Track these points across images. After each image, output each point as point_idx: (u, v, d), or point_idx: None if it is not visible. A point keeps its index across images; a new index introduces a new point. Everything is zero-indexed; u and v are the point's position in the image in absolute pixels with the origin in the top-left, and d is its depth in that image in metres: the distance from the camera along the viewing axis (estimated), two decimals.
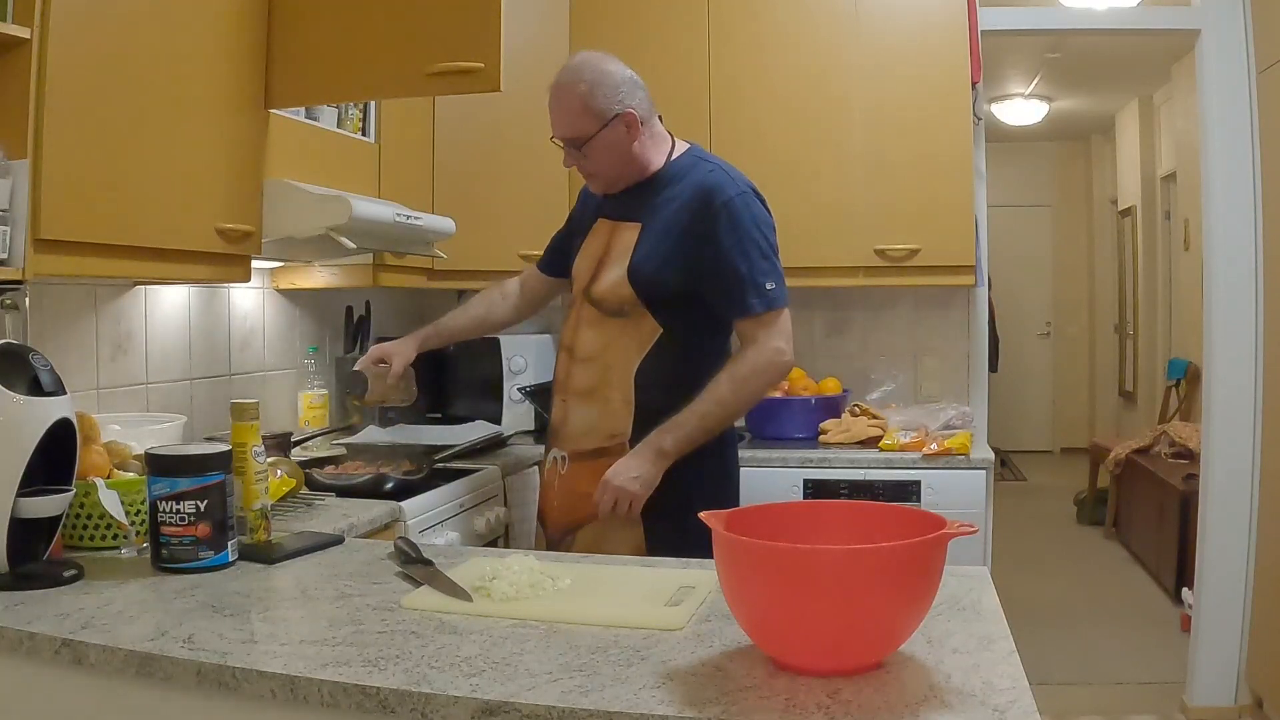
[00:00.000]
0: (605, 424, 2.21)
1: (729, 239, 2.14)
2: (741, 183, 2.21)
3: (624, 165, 2.24)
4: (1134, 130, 7.83)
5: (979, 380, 3.65)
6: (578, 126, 2.19)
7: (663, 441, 2.12)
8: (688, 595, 1.50)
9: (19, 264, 1.72)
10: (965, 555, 2.09)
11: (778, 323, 2.17)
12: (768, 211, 2.23)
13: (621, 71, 2.22)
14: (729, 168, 2.25)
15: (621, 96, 2.19)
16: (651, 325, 2.19)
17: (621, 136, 2.20)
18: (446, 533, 2.45)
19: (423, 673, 1.21)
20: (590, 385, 2.23)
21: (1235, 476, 3.37)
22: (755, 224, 2.17)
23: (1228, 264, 3.37)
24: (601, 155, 2.22)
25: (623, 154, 2.22)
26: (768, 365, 2.17)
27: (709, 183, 2.19)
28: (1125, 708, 3.59)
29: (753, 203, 2.20)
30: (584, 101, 2.17)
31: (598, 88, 2.17)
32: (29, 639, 1.37)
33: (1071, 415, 9.21)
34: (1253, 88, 3.31)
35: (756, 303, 2.14)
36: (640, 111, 2.21)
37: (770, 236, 2.20)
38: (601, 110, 2.17)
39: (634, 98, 2.21)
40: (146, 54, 1.95)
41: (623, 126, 2.19)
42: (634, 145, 2.22)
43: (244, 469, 1.77)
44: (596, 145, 2.19)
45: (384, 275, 2.89)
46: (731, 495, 2.30)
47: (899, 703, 1.12)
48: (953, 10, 3.26)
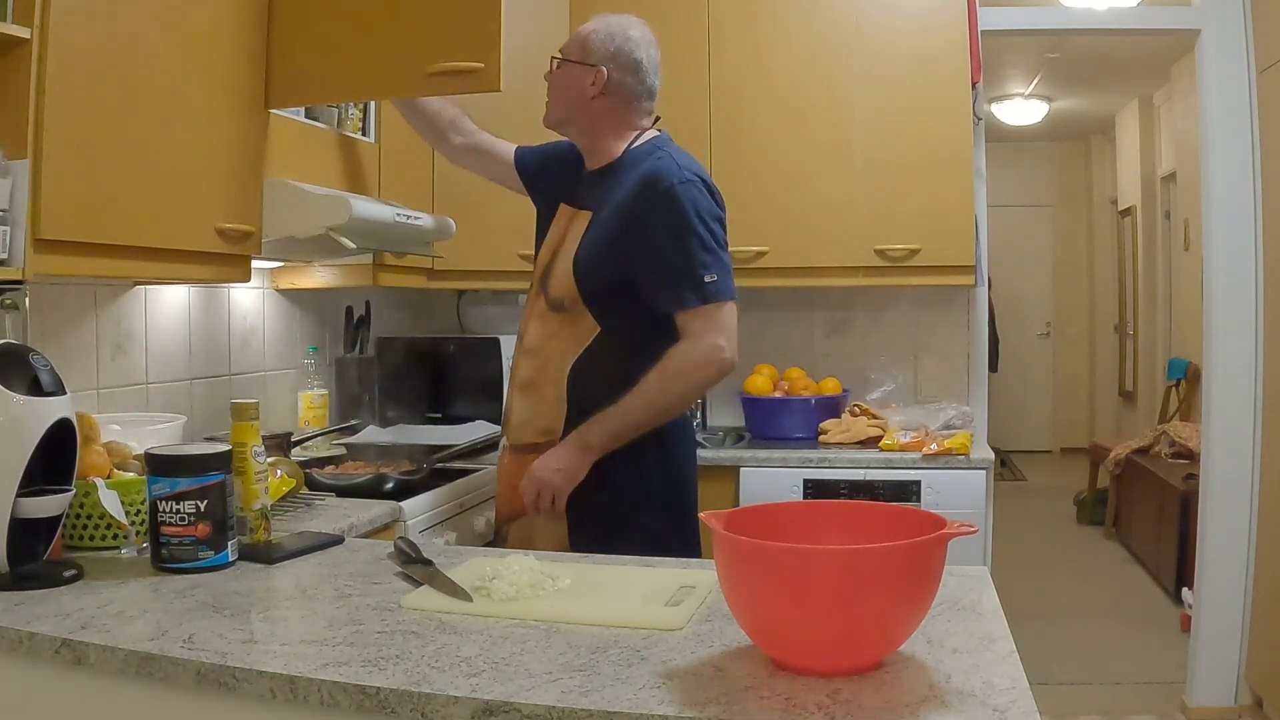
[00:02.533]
0: (539, 419, 2.19)
1: (666, 228, 2.08)
2: (687, 171, 2.13)
3: (573, 112, 2.23)
4: (1134, 130, 7.83)
5: (979, 380, 3.65)
6: (569, 47, 2.26)
7: (588, 435, 2.09)
8: (688, 595, 1.50)
9: (19, 264, 1.72)
10: (965, 555, 2.09)
11: (717, 317, 2.07)
12: (716, 202, 2.15)
13: (633, 46, 2.21)
14: (681, 155, 2.19)
15: (611, 56, 2.20)
16: (590, 323, 2.14)
17: (583, 84, 2.20)
18: (446, 533, 2.44)
19: (423, 673, 1.21)
20: (530, 378, 2.21)
21: (1235, 476, 3.37)
22: (697, 213, 2.08)
23: (1228, 264, 3.37)
24: (560, 86, 2.25)
25: (575, 99, 2.22)
26: (703, 361, 2.08)
27: (652, 170, 2.13)
28: (1125, 708, 3.59)
29: (696, 191, 2.11)
30: (588, 34, 2.24)
31: (604, 35, 2.22)
32: (29, 639, 1.37)
33: (1071, 415, 9.21)
34: (1253, 88, 3.31)
35: (693, 296, 2.06)
36: (616, 84, 2.20)
37: (715, 227, 2.11)
38: (588, 50, 2.21)
39: (619, 71, 2.20)
40: (146, 54, 1.95)
41: (589, 76, 2.19)
42: (591, 102, 2.20)
43: (244, 469, 1.77)
44: (564, 73, 2.23)
45: (384, 275, 2.89)
46: (678, 497, 2.20)
47: (899, 703, 1.12)
48: (953, 10, 3.26)
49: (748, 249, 3.36)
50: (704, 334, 2.07)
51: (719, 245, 2.11)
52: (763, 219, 3.37)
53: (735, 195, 3.34)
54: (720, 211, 2.16)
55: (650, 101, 2.26)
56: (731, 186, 3.35)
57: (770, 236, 3.36)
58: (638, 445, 2.13)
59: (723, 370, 2.11)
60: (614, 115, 2.22)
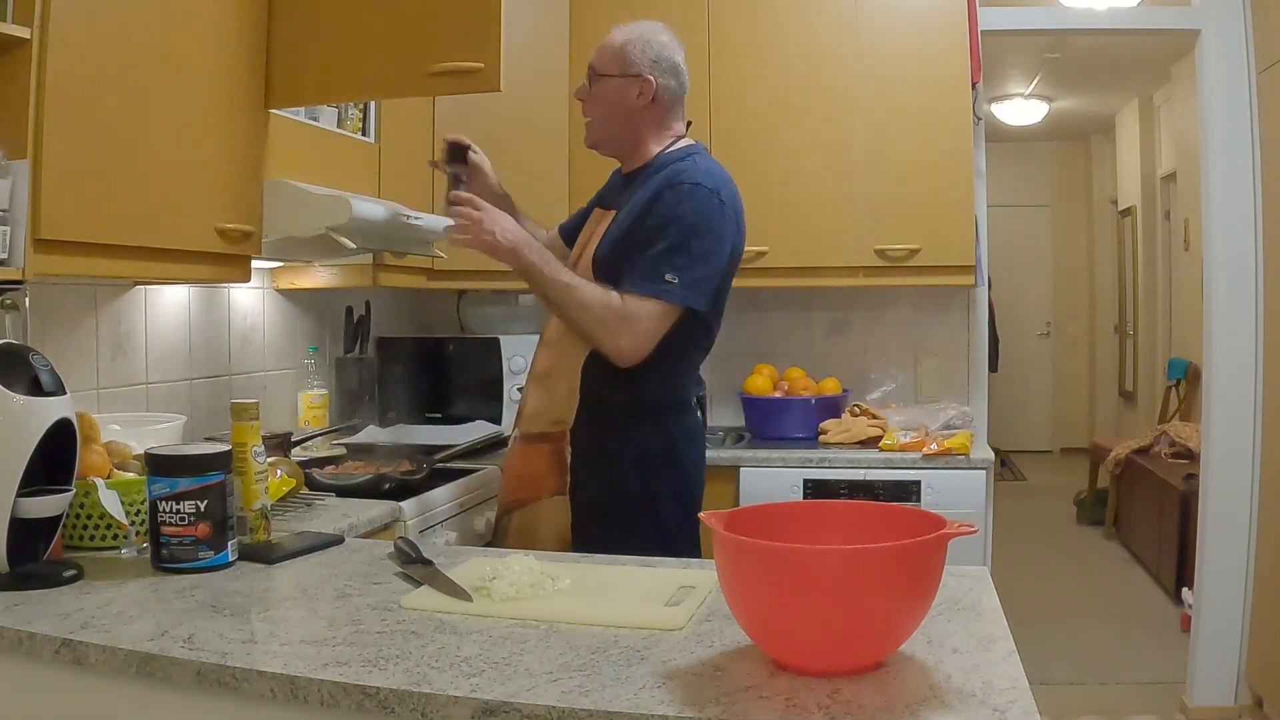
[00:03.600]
0: (552, 410, 2.22)
1: (657, 217, 2.09)
2: (705, 177, 2.12)
3: (618, 126, 2.24)
4: (1134, 130, 7.83)
5: (979, 380, 3.65)
6: (603, 62, 2.24)
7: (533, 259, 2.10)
8: (688, 595, 1.50)
9: (19, 264, 1.72)
10: (965, 555, 2.09)
11: (648, 312, 2.06)
12: (727, 216, 2.13)
13: (670, 50, 2.23)
14: (709, 166, 2.19)
15: (654, 64, 2.21)
16: None
17: (629, 96, 2.21)
18: (446, 533, 2.45)
19: (423, 673, 1.21)
20: (547, 369, 2.25)
21: (1235, 476, 3.37)
22: (693, 216, 2.08)
23: (1228, 264, 3.37)
24: (603, 102, 2.24)
25: (621, 113, 2.22)
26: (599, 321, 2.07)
27: (675, 170, 2.14)
28: (1125, 708, 3.59)
29: (705, 198, 2.10)
30: (622, 45, 2.22)
31: (640, 43, 2.21)
32: (29, 639, 1.37)
33: (1071, 415, 9.21)
34: (1253, 88, 3.31)
35: (646, 285, 2.06)
36: (659, 91, 2.21)
37: (706, 236, 2.09)
38: (628, 61, 2.21)
39: (664, 76, 2.22)
40: (146, 54, 1.95)
41: (635, 88, 2.20)
42: (636, 114, 2.21)
43: (244, 469, 1.77)
44: (605, 89, 2.23)
45: (384, 275, 2.89)
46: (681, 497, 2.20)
47: (899, 703, 1.12)
48: (953, 10, 3.26)
49: (747, 249, 3.34)
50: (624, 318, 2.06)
51: (700, 252, 2.09)
52: (763, 219, 3.35)
53: None
54: (715, 222, 2.12)
55: (683, 105, 2.29)
56: None
57: (770, 236, 3.36)
58: (646, 442, 2.16)
59: (613, 353, 2.09)
60: (658, 121, 2.24)
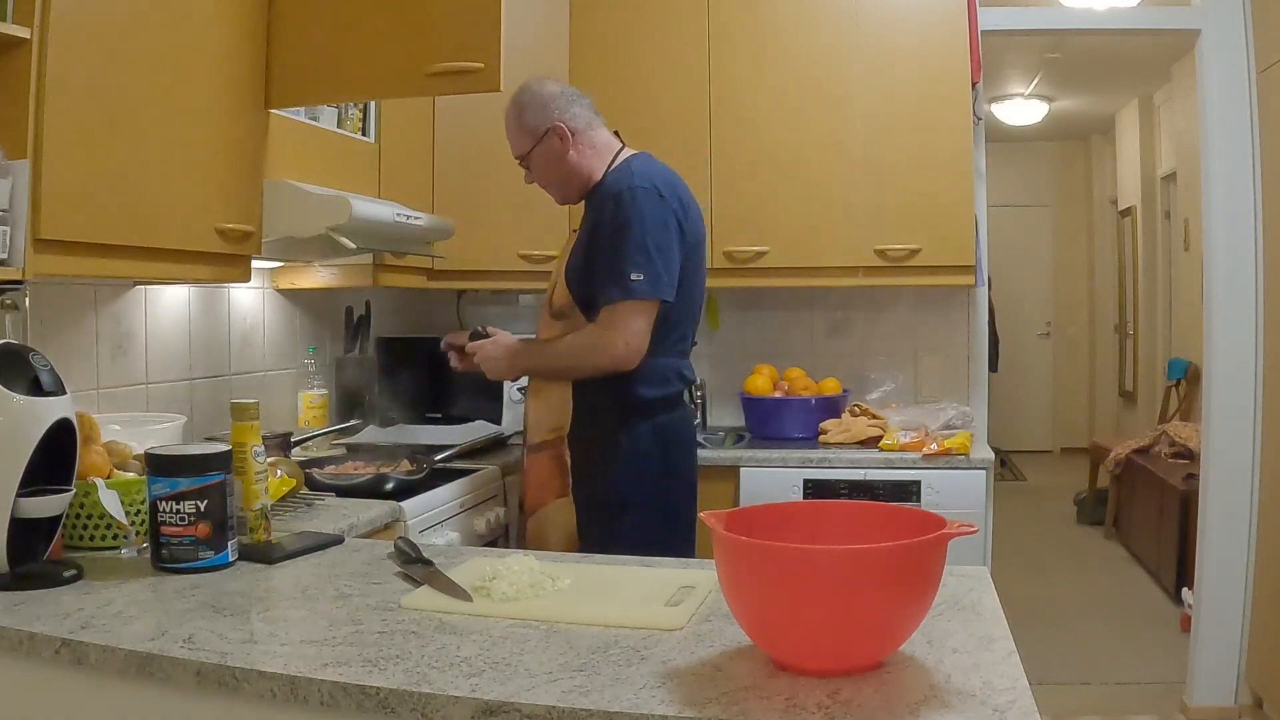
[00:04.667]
0: (549, 418, 2.37)
1: (609, 229, 2.24)
2: (641, 177, 2.27)
3: (566, 176, 2.38)
4: (1134, 130, 7.83)
5: (979, 380, 3.65)
6: (518, 144, 2.38)
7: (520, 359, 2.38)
8: (688, 595, 1.50)
9: (19, 264, 1.72)
10: (965, 555, 2.09)
11: (627, 313, 2.21)
12: (667, 207, 2.26)
13: (553, 89, 2.37)
14: (641, 166, 2.32)
15: (552, 112, 2.34)
16: (584, 324, 2.30)
17: (556, 148, 2.34)
18: (446, 533, 2.45)
19: (423, 673, 1.21)
20: (541, 381, 2.41)
21: (1235, 476, 3.37)
22: (640, 217, 2.21)
23: (1228, 264, 3.37)
24: (542, 168, 2.38)
25: (561, 165, 2.36)
26: (592, 348, 2.24)
27: (613, 180, 2.30)
28: (1125, 708, 3.59)
29: (645, 197, 2.24)
30: (519, 121, 2.36)
31: (528, 107, 2.35)
32: (29, 639, 1.37)
33: (1071, 415, 9.21)
34: (1253, 88, 3.31)
35: (616, 290, 2.21)
36: (573, 123, 2.34)
37: (657, 231, 2.23)
38: (534, 126, 2.34)
39: (566, 112, 2.35)
40: (146, 54, 1.95)
41: (555, 139, 2.33)
42: (569, 155, 2.35)
43: (244, 469, 1.77)
44: (535, 159, 2.37)
45: (384, 275, 2.89)
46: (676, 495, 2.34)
47: (899, 703, 1.12)
48: (953, 10, 3.26)
49: (748, 249, 3.36)
50: (608, 327, 2.22)
51: (656, 249, 2.22)
52: (763, 219, 3.37)
53: (735, 195, 3.38)
54: (665, 215, 2.26)
55: (596, 116, 2.41)
56: (732, 186, 3.39)
57: (770, 236, 3.36)
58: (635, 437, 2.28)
59: (615, 362, 2.23)
60: (588, 146, 2.37)
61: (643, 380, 2.28)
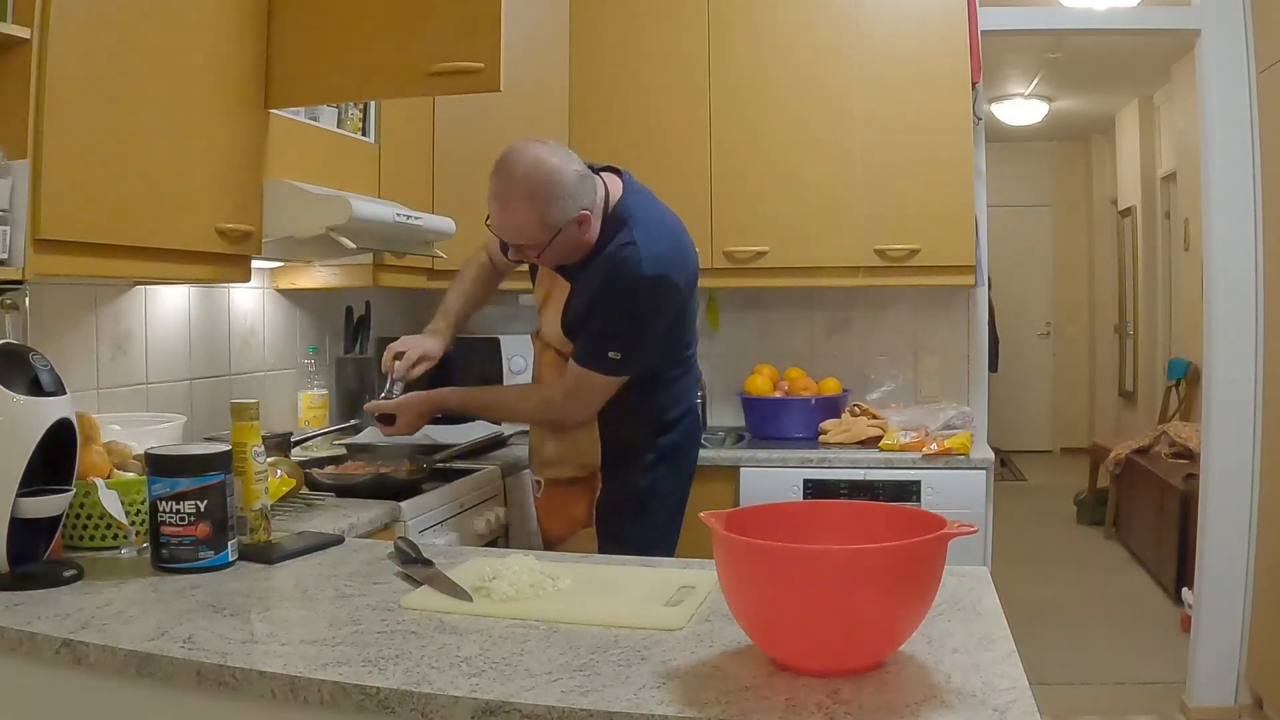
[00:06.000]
0: (576, 457, 2.36)
1: (602, 306, 2.15)
2: (649, 264, 2.10)
3: (577, 251, 2.19)
4: (1134, 130, 7.83)
5: (979, 380, 3.65)
6: (529, 237, 2.11)
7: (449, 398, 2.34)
8: (688, 595, 1.50)
9: (19, 264, 1.72)
10: (965, 555, 2.09)
11: (600, 387, 2.20)
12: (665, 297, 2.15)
13: (573, 172, 2.09)
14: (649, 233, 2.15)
15: (579, 200, 2.09)
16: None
17: (575, 233, 2.13)
18: (446, 533, 2.44)
19: (423, 673, 1.21)
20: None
21: (1235, 476, 3.37)
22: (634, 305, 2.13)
23: (1228, 264, 3.37)
24: (555, 253, 2.17)
25: (577, 245, 2.17)
26: (542, 405, 2.30)
27: (618, 262, 2.12)
28: (1125, 708, 3.59)
29: (645, 290, 2.11)
30: (540, 218, 2.07)
31: (555, 202, 2.06)
32: (29, 639, 1.37)
33: (1071, 415, 9.21)
34: (1253, 88, 3.31)
35: (595, 361, 2.17)
36: (591, 204, 2.12)
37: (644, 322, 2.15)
38: (558, 222, 2.09)
39: (586, 193, 2.11)
40: (147, 54, 1.95)
41: (576, 225, 2.12)
42: (586, 235, 2.16)
43: (244, 469, 1.77)
44: (554, 248, 2.14)
45: (384, 275, 2.89)
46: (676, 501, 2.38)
47: (899, 703, 1.12)
48: (953, 10, 3.26)
49: (748, 249, 3.36)
50: (572, 395, 2.23)
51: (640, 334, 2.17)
52: (763, 219, 3.37)
53: (735, 195, 3.39)
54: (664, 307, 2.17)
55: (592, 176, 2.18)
56: (732, 186, 3.39)
57: (770, 236, 3.36)
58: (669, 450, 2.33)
59: (555, 421, 2.33)
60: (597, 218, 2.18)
61: (668, 405, 2.33)
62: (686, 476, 2.41)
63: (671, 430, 2.36)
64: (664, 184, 2.39)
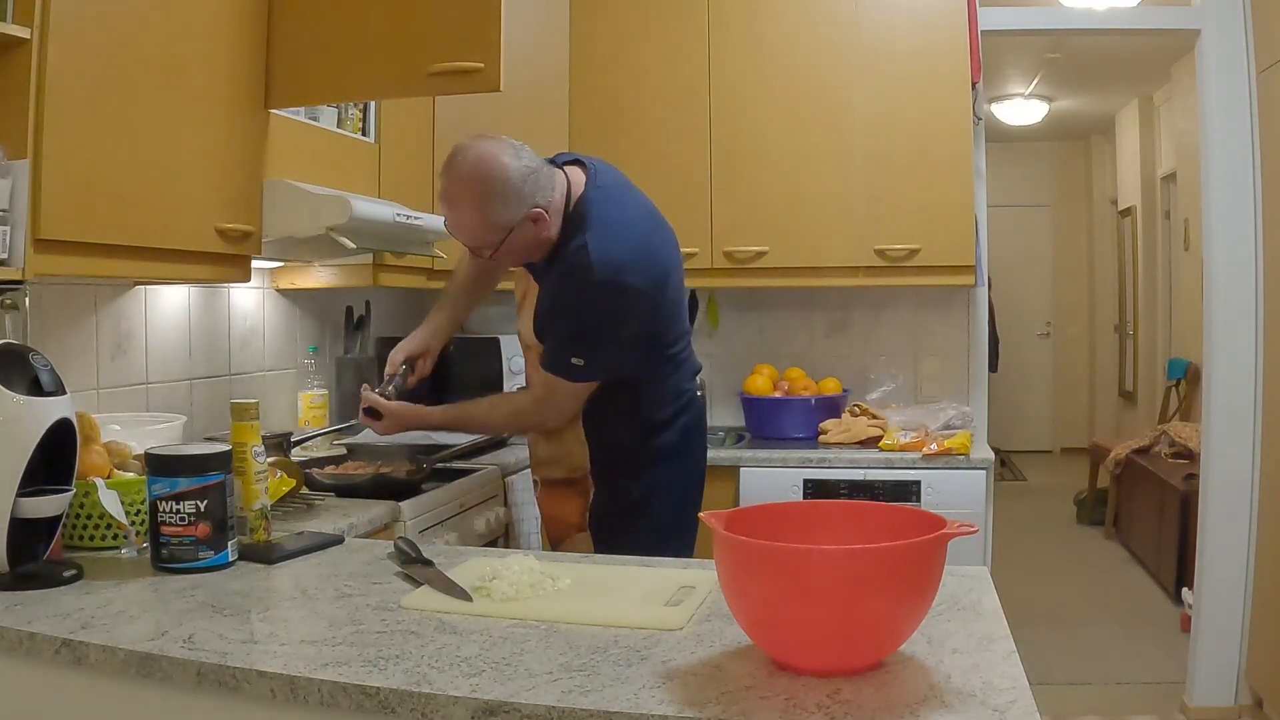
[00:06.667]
0: (568, 459, 2.37)
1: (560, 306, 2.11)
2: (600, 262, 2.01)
3: (536, 250, 2.13)
4: (1134, 130, 7.83)
5: (979, 380, 3.65)
6: (484, 239, 2.06)
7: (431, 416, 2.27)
8: (688, 595, 1.50)
9: (19, 264, 1.72)
10: (965, 555, 2.09)
11: (556, 389, 2.14)
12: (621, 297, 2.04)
13: (519, 169, 2.01)
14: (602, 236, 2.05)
15: (526, 198, 2.01)
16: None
17: (529, 231, 2.05)
18: (446, 533, 2.44)
19: (423, 673, 1.21)
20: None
21: (1235, 476, 3.37)
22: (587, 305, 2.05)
23: (1228, 264, 3.37)
24: (512, 253, 2.11)
25: (535, 244, 2.10)
26: (518, 414, 2.29)
27: (573, 253, 2.05)
28: (1125, 708, 3.59)
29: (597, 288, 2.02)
30: (485, 219, 2.02)
31: (499, 200, 2.00)
32: (29, 639, 1.37)
33: (1071, 415, 9.21)
34: (1253, 88, 3.31)
35: (560, 368, 2.11)
36: (545, 200, 2.04)
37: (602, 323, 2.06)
38: (507, 222, 2.02)
39: (536, 192, 2.02)
40: (146, 54, 1.95)
41: (529, 223, 2.04)
42: (543, 234, 2.07)
43: (244, 469, 1.77)
44: (509, 246, 2.07)
45: (384, 275, 2.89)
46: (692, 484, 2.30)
47: (899, 703, 1.12)
48: (953, 10, 3.26)
49: (748, 249, 3.36)
50: (543, 403, 2.19)
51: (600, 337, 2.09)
52: (763, 219, 3.37)
53: (735, 195, 3.39)
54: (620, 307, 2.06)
55: (549, 166, 2.11)
56: (731, 186, 3.39)
57: (770, 236, 3.36)
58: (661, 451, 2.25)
59: (530, 429, 2.41)
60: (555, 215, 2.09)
61: (656, 406, 2.24)
62: (688, 481, 2.31)
63: (664, 431, 2.25)
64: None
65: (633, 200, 2.21)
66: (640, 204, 2.22)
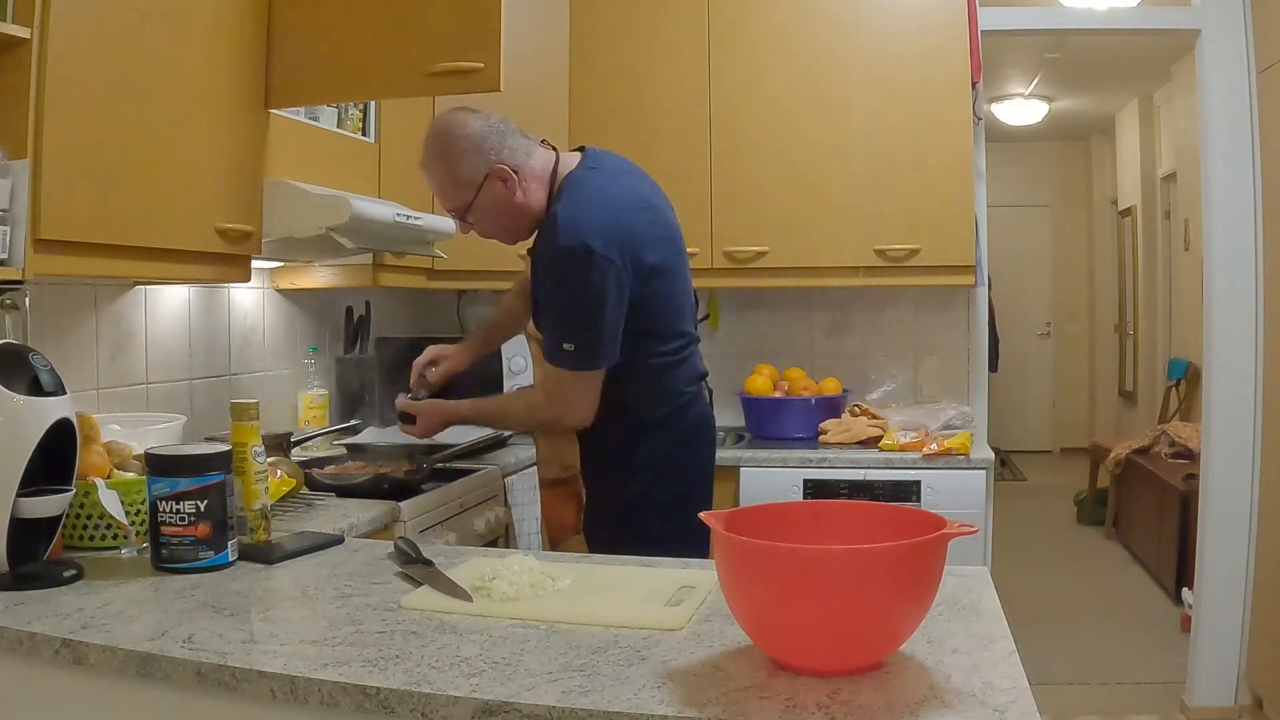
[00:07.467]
0: (560, 456, 2.37)
1: (542, 289, 2.12)
2: (568, 232, 2.02)
3: (514, 218, 2.15)
4: (1134, 130, 7.83)
5: (979, 380, 3.65)
6: (454, 199, 2.13)
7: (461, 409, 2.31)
8: (688, 595, 1.50)
9: (19, 264, 1.72)
10: (965, 555, 2.09)
11: (561, 382, 2.11)
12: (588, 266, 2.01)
13: (478, 125, 2.09)
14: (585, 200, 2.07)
15: (488, 154, 2.08)
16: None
17: (500, 192, 2.10)
18: (446, 533, 2.45)
19: (423, 673, 1.21)
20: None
21: (1235, 476, 3.37)
22: (564, 283, 2.05)
23: (1228, 264, 3.37)
24: (487, 217, 2.14)
25: (508, 208, 2.12)
26: (528, 410, 2.28)
27: (548, 229, 2.07)
28: (1125, 708, 3.59)
29: (568, 261, 2.02)
30: (451, 173, 2.10)
31: (459, 155, 2.08)
32: (29, 639, 1.37)
33: (1071, 415, 9.21)
34: (1253, 88, 3.31)
35: (557, 355, 2.10)
36: (512, 160, 2.10)
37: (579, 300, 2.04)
38: (470, 176, 2.09)
39: (501, 149, 2.09)
40: (146, 54, 1.95)
41: (498, 182, 2.09)
42: (515, 198, 2.11)
43: (244, 469, 1.77)
44: (478, 210, 2.13)
45: (384, 275, 2.89)
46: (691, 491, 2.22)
47: (899, 703, 1.12)
48: (953, 10, 3.26)
49: (748, 249, 3.36)
50: (552, 398, 2.17)
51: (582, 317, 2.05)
52: (763, 219, 3.37)
53: (735, 196, 3.39)
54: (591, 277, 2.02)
55: (528, 139, 2.15)
56: (731, 187, 3.39)
57: (770, 236, 3.36)
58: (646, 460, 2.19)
59: (546, 423, 2.31)
60: (532, 181, 2.13)
61: (645, 406, 2.18)
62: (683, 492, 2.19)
63: (655, 433, 2.18)
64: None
65: (625, 185, 2.18)
66: (633, 190, 2.18)
